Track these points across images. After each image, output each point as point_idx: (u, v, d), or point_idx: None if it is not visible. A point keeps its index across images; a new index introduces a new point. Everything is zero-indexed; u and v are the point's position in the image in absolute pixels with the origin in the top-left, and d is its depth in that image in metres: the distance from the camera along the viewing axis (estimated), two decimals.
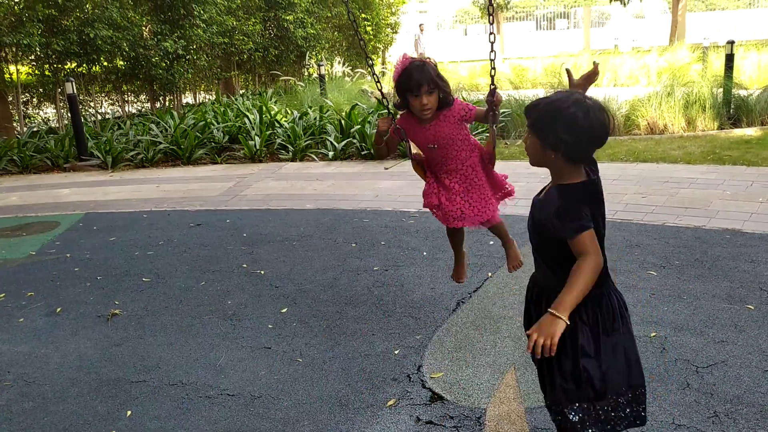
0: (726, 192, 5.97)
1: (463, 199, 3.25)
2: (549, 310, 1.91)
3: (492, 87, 3.14)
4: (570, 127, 1.93)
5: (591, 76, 2.35)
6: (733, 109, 9.37)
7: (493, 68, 3.18)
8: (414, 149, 3.27)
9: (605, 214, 2.12)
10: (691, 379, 3.00)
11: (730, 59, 9.60)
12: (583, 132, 1.94)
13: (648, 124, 9.21)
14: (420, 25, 23.62)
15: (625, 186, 6.40)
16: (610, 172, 6.98)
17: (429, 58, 3.14)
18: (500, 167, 3.54)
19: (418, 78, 2.97)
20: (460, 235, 3.59)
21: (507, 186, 3.40)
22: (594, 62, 2.71)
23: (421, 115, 3.08)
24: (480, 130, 8.59)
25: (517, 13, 38.77)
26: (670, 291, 3.96)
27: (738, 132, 8.76)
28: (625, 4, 28.03)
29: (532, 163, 2.10)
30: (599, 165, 2.13)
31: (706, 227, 5.06)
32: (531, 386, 3.03)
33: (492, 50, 3.21)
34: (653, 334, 3.44)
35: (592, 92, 2.34)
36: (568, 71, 2.50)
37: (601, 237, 2.04)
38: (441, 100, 3.09)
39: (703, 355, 3.20)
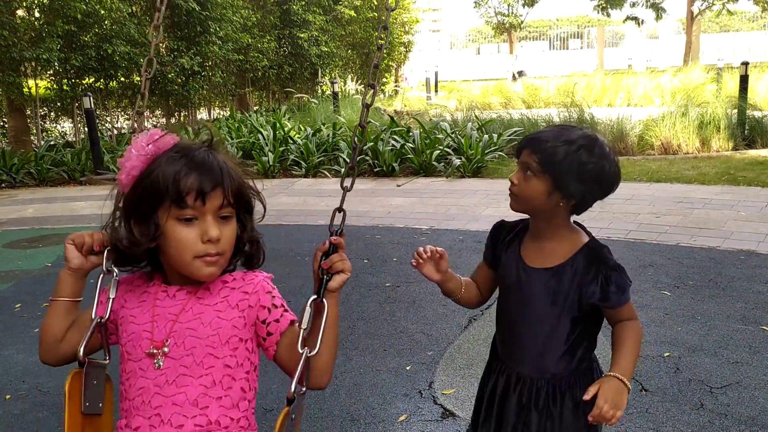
0: (740, 213, 5.94)
1: None
2: (614, 374, 1.62)
3: (333, 228, 1.46)
4: (596, 176, 1.63)
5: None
6: (747, 130, 9.36)
7: (352, 167, 1.66)
8: (104, 373, 1.41)
9: None
10: (705, 399, 2.97)
11: (744, 80, 9.61)
12: (606, 184, 1.66)
13: (662, 144, 9.20)
14: (405, 78, 24.12)
15: (639, 206, 6.39)
16: (623, 191, 6.96)
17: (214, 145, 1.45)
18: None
19: (203, 176, 1.29)
20: None
21: None
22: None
23: (195, 271, 1.31)
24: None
25: (530, 32, 38.97)
26: (684, 311, 3.94)
27: (753, 153, 8.73)
28: (639, 24, 28.10)
29: (520, 208, 1.72)
30: None
31: (720, 248, 5.04)
32: None
33: (354, 154, 1.64)
34: (667, 354, 3.42)
35: (607, 111, 2.35)
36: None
37: None
38: (241, 241, 1.46)
39: (717, 375, 3.18)
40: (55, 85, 12.19)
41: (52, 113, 13.22)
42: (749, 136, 9.30)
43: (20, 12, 11.46)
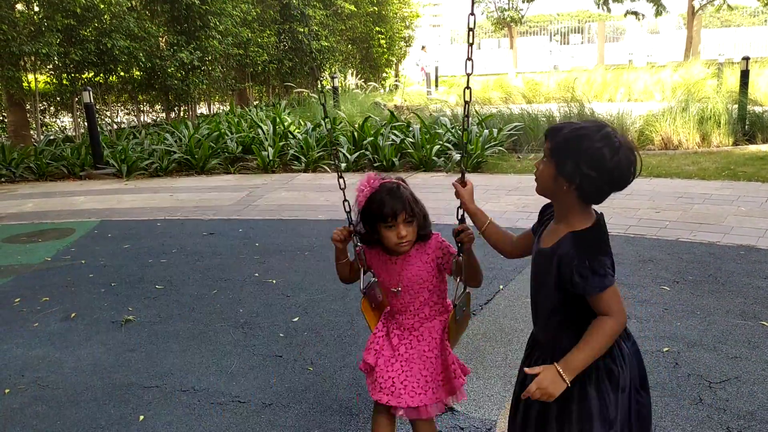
0: (740, 208, 5.94)
1: (402, 368, 2.38)
2: (556, 365, 1.76)
3: (459, 212, 2.35)
4: (594, 162, 1.72)
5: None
6: (748, 125, 9.34)
7: (463, 175, 2.40)
8: (377, 289, 2.49)
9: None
10: (704, 394, 2.98)
11: (745, 75, 9.59)
12: (606, 172, 1.73)
13: (662, 139, 9.19)
14: (422, 47, 23.78)
15: (639, 201, 6.38)
16: None
17: (402, 182, 2.39)
18: (512, 181, 3.50)
19: (393, 204, 2.25)
20: (389, 426, 2.47)
21: (458, 380, 2.38)
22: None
23: (397, 248, 2.31)
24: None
25: (531, 27, 38.85)
26: (684, 306, 3.94)
27: (753, 148, 8.72)
28: (639, 19, 28.03)
29: (539, 191, 1.90)
30: None
31: (720, 243, 5.04)
32: None
33: (466, 114, 2.41)
34: (666, 349, 3.42)
35: (608, 106, 2.35)
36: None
37: None
38: (418, 233, 2.34)
39: (716, 370, 3.18)
40: (54, 80, 12.16)
41: (51, 108, 13.20)
42: (750, 132, 9.29)
43: (19, 6, 11.43)
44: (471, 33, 2.31)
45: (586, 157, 1.72)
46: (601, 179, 1.74)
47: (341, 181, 2.65)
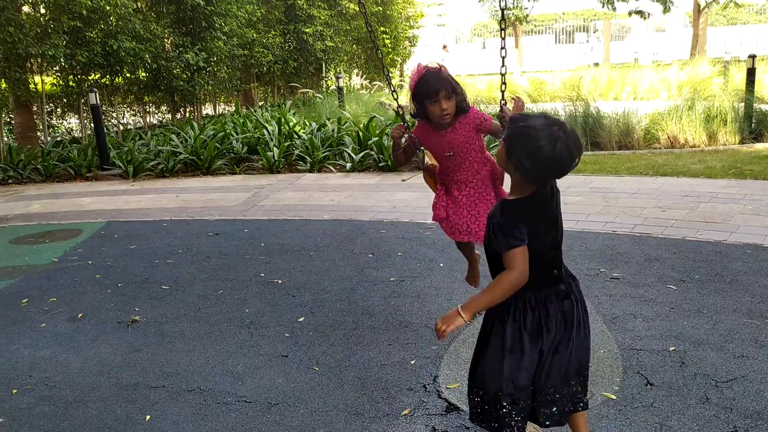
0: (747, 207, 5.91)
1: (470, 213, 3.19)
2: (459, 306, 2.22)
3: (502, 102, 3.20)
4: (532, 155, 2.07)
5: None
6: (754, 124, 9.30)
7: (504, 83, 3.30)
8: (428, 159, 3.26)
9: (557, 224, 2.35)
10: (710, 393, 2.97)
11: (751, 73, 9.54)
12: (544, 162, 2.07)
13: (668, 137, 9.16)
14: (444, 46, 23.83)
15: (645, 200, 6.36)
16: (629, 185, 6.94)
17: (443, 67, 3.08)
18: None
19: (436, 84, 2.95)
20: (469, 245, 3.50)
21: None
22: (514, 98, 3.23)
23: (440, 120, 3.01)
24: (494, 145, 8.58)
25: (536, 26, 38.79)
26: (690, 305, 3.93)
27: (760, 146, 8.68)
28: (645, 18, 27.95)
29: (499, 165, 2.53)
30: (619, 178, 2.21)
31: (726, 242, 5.02)
32: None
33: (503, 65, 3.35)
34: (672, 348, 3.41)
35: (613, 105, 2.39)
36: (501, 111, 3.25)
37: (541, 251, 2.25)
38: (457, 107, 3.05)
39: (722, 369, 3.17)
40: (61, 81, 12.20)
41: (58, 109, 13.24)
42: (756, 130, 9.25)
43: (26, 8, 11.47)
44: (503, 29, 3.46)
45: (525, 150, 2.08)
46: (539, 168, 2.10)
47: (393, 92, 3.54)
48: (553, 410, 2.33)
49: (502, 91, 3.23)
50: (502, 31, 3.39)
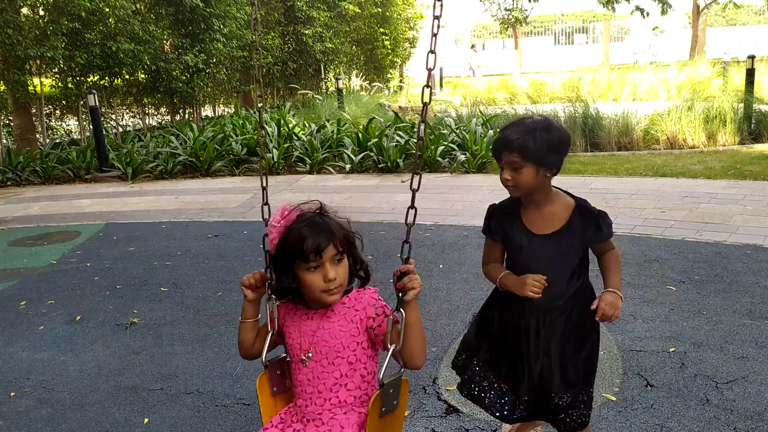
0: (747, 207, 5.91)
1: None
2: (611, 290, 2.19)
3: (407, 247, 1.80)
4: (564, 143, 2.17)
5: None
6: (754, 124, 9.30)
7: (421, 139, 1.91)
8: (281, 363, 1.92)
9: None
10: (710, 394, 2.96)
11: (750, 74, 9.54)
12: (567, 143, 2.21)
13: (667, 138, 9.16)
14: (472, 46, 23.99)
15: (644, 201, 6.36)
16: (628, 186, 6.94)
17: (323, 208, 1.86)
18: None
19: (318, 237, 1.74)
20: None
21: None
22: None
23: (324, 298, 1.77)
24: None
25: (535, 27, 38.79)
26: (690, 306, 3.92)
27: (759, 147, 8.68)
28: (644, 16, 27.94)
29: (521, 194, 2.22)
30: (618, 179, 2.23)
31: (726, 242, 5.01)
32: None
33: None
34: (672, 349, 3.41)
35: (613, 106, 2.38)
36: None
37: None
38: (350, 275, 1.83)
39: (723, 371, 3.16)
40: (59, 83, 12.19)
41: (57, 111, 13.22)
42: (756, 131, 9.24)
43: (25, 10, 11.46)
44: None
45: (555, 144, 2.10)
46: (566, 152, 2.19)
47: (265, 209, 1.99)
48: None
49: (400, 290, 1.74)
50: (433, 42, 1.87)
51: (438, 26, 1.78)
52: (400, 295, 1.71)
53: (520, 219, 2.26)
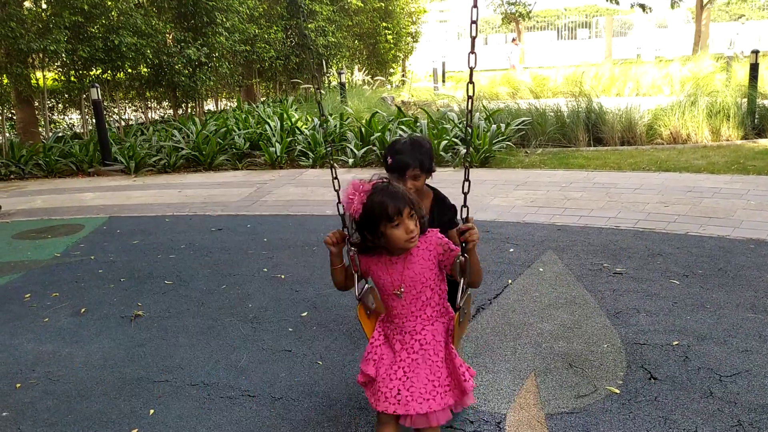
0: (750, 202, 5.91)
1: (405, 375, 2.31)
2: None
3: (465, 210, 2.31)
4: (431, 150, 2.86)
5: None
6: (757, 119, 9.28)
7: (469, 125, 2.47)
8: (370, 296, 2.44)
9: None
10: (714, 387, 2.96)
11: (754, 69, 9.52)
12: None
13: (671, 133, 9.14)
14: (513, 39, 24.08)
15: (648, 195, 6.35)
16: (632, 181, 6.93)
17: (390, 179, 2.37)
18: (520, 175, 3.49)
19: (396, 201, 2.22)
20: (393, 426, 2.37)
21: (465, 380, 2.31)
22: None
23: (407, 245, 2.26)
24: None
25: (538, 22, 38.72)
26: (693, 300, 3.93)
27: (763, 142, 8.67)
28: (646, 11, 27.86)
29: (416, 194, 2.60)
30: (622, 174, 2.25)
31: (730, 237, 5.01)
32: (551, 393, 3.02)
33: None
34: (676, 342, 3.41)
35: (616, 101, 2.36)
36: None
37: None
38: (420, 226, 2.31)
39: (726, 364, 3.16)
40: (62, 77, 12.19)
41: (59, 105, 13.23)
42: (759, 125, 9.23)
43: (27, 3, 11.46)
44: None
45: (430, 153, 2.82)
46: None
47: (336, 182, 2.65)
48: None
49: (463, 241, 2.26)
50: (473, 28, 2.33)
51: (476, 30, 2.30)
52: (464, 245, 2.24)
53: None
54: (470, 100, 2.31)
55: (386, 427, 2.34)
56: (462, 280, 2.28)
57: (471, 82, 2.26)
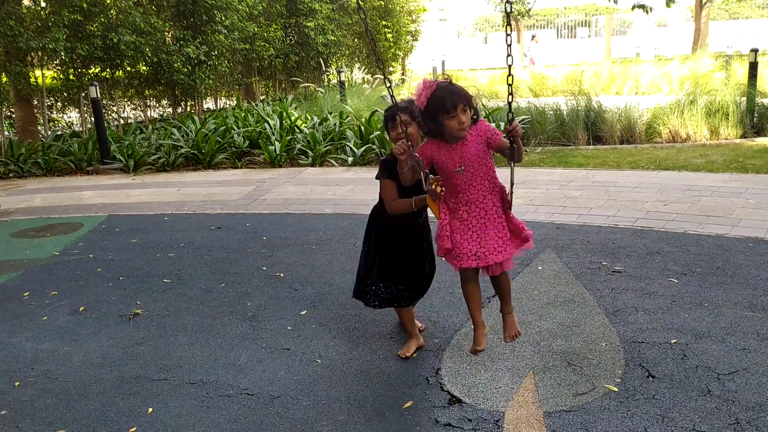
0: (749, 200, 5.91)
1: (478, 236, 2.90)
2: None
3: (510, 116, 2.88)
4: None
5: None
6: (756, 118, 9.28)
7: (511, 94, 2.97)
8: (433, 185, 3.01)
9: None
10: (712, 386, 2.97)
11: (753, 68, 9.52)
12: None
13: (670, 132, 9.14)
14: (533, 37, 24.15)
15: (647, 194, 6.36)
16: (631, 179, 6.94)
17: (451, 79, 2.93)
18: (519, 174, 3.50)
19: (453, 98, 2.77)
20: (476, 292, 3.09)
21: (525, 231, 2.95)
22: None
23: (459, 134, 2.83)
24: None
25: (537, 21, 38.69)
26: (691, 298, 3.93)
27: (762, 141, 8.67)
28: (647, 12, 27.86)
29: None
30: (621, 172, 2.22)
31: (728, 235, 5.02)
32: (550, 391, 3.03)
33: (509, 75, 2.95)
34: (674, 340, 3.42)
35: (615, 99, 2.35)
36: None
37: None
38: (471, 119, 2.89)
39: (724, 362, 3.17)
40: (61, 75, 12.17)
41: (58, 103, 13.21)
42: (758, 124, 9.23)
43: (26, 2, 11.44)
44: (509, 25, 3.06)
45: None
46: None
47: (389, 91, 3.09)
48: None
49: (510, 103, 2.93)
50: (508, 35, 2.90)
51: (510, 34, 2.87)
52: (511, 139, 2.79)
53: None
54: (510, 88, 2.91)
55: (470, 281, 3.05)
56: (512, 164, 2.90)
57: (509, 79, 2.90)
